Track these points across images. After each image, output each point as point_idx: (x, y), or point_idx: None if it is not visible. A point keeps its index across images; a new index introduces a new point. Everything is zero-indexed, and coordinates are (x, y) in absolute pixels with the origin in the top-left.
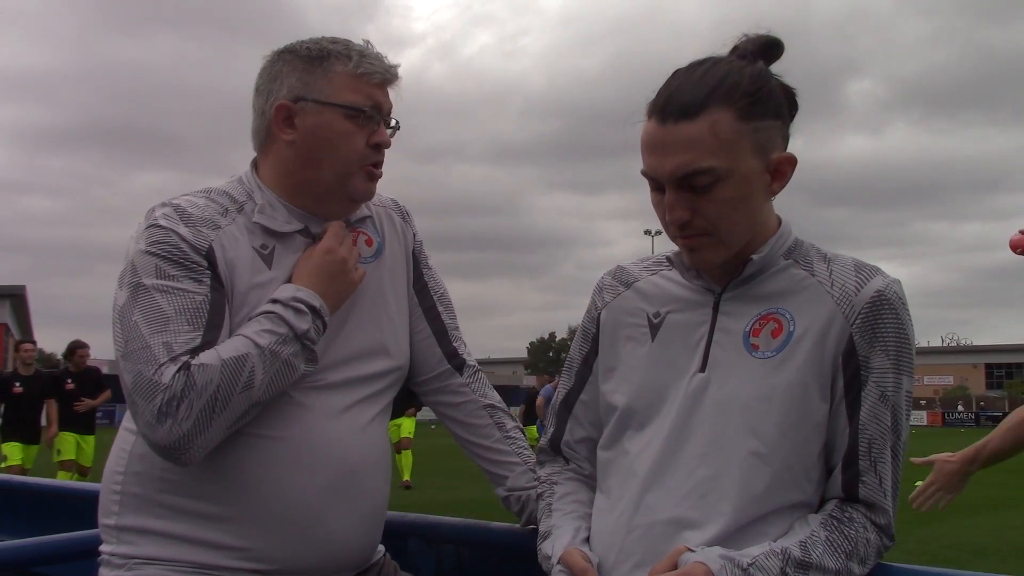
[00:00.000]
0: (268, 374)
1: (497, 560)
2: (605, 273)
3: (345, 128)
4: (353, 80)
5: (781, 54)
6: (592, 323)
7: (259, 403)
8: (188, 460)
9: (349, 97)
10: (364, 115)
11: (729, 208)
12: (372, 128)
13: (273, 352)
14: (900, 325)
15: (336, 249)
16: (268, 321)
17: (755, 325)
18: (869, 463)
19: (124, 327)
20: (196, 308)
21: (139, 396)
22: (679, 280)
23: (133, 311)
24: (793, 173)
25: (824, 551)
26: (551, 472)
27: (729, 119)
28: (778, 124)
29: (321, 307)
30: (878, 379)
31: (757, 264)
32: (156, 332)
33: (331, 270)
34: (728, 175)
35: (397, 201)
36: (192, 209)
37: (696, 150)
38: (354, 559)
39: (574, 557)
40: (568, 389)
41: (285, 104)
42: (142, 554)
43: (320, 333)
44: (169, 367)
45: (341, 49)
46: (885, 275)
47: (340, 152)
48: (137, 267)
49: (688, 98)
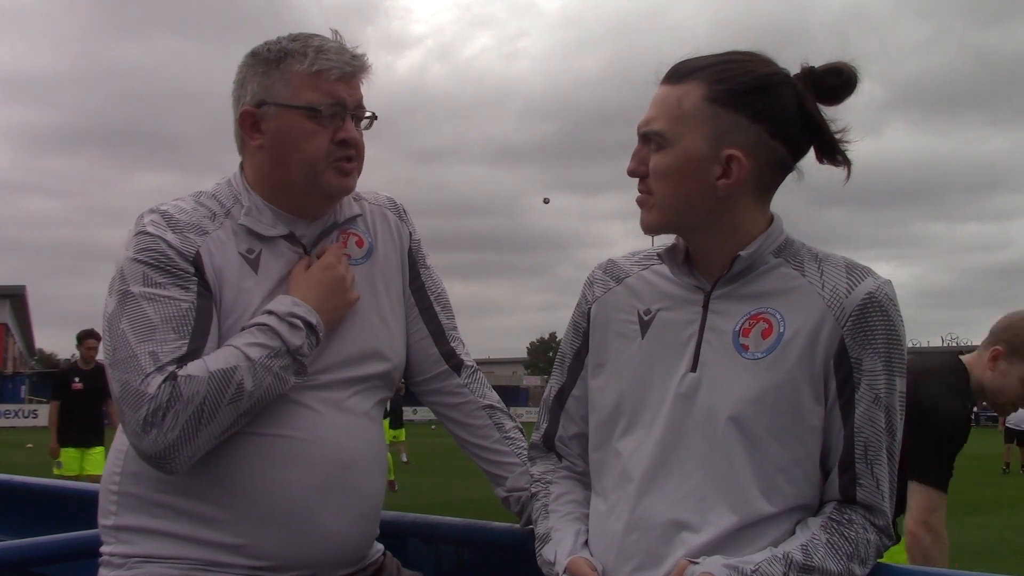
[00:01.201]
0: (257, 387)
1: (497, 560)
2: (596, 267)
3: (307, 128)
4: (311, 79)
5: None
6: (583, 317)
7: (247, 414)
8: (174, 469)
9: (308, 97)
10: (321, 114)
11: (664, 175)
12: (337, 124)
13: (264, 366)
14: (891, 327)
15: (336, 266)
16: (261, 334)
17: (745, 324)
18: (866, 466)
19: (112, 335)
20: (182, 316)
21: (126, 405)
22: (669, 276)
23: (121, 319)
24: (743, 179)
25: (826, 554)
26: (544, 471)
27: (697, 96)
28: (753, 127)
29: (317, 323)
30: (871, 381)
31: (745, 261)
32: (143, 341)
33: (331, 285)
34: (672, 144)
35: (394, 200)
36: (179, 215)
37: (658, 110)
38: (349, 555)
39: (580, 566)
40: (560, 384)
41: (249, 110)
42: (140, 552)
43: (313, 348)
44: (155, 377)
45: (298, 48)
46: (876, 276)
47: (305, 153)
48: (125, 274)
49: (684, 66)
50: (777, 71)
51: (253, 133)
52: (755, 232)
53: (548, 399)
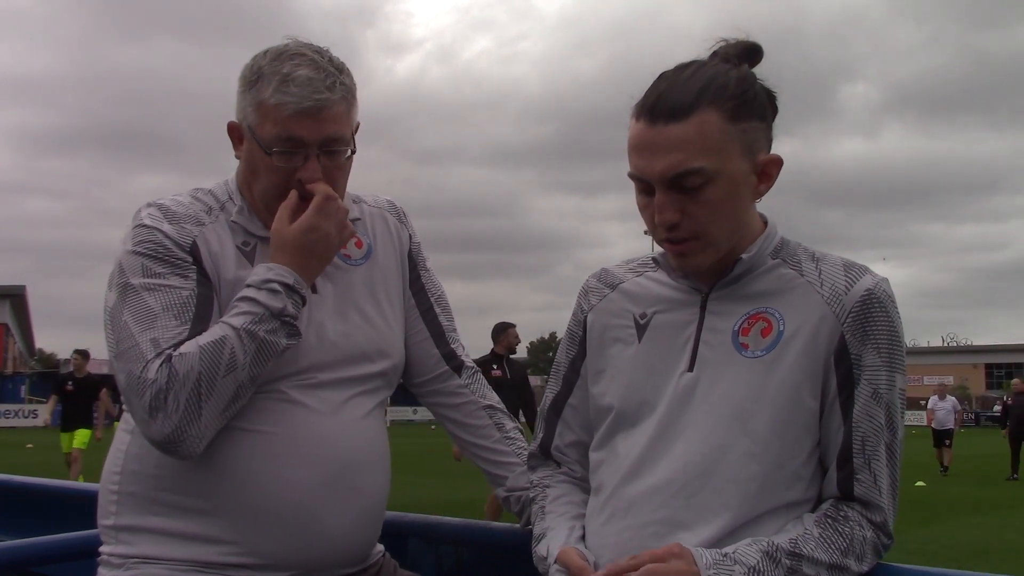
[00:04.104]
0: (248, 353)
1: (497, 560)
2: (590, 275)
3: (264, 162)
4: (272, 110)
5: (761, 58)
6: (578, 326)
7: (247, 384)
8: (187, 452)
9: (266, 130)
10: (275, 153)
11: (718, 209)
12: (296, 163)
13: (249, 332)
14: (891, 323)
15: (319, 226)
16: (243, 304)
17: (744, 324)
18: (863, 461)
19: (115, 328)
20: (183, 303)
21: (132, 394)
22: (665, 280)
23: (123, 311)
24: (779, 175)
25: (816, 546)
26: (543, 476)
27: (718, 120)
28: (763, 126)
29: (296, 283)
30: (871, 377)
31: (746, 263)
32: (145, 330)
33: (313, 248)
34: (717, 176)
35: (394, 203)
36: (176, 207)
37: (686, 150)
38: (351, 555)
39: (571, 556)
40: (556, 393)
41: (233, 124)
42: (139, 553)
43: (300, 306)
44: (155, 362)
45: (270, 72)
46: (874, 274)
47: (260, 184)
48: (124, 267)
49: (677, 99)
50: (742, 69)
51: (237, 145)
52: (753, 234)
53: (544, 409)
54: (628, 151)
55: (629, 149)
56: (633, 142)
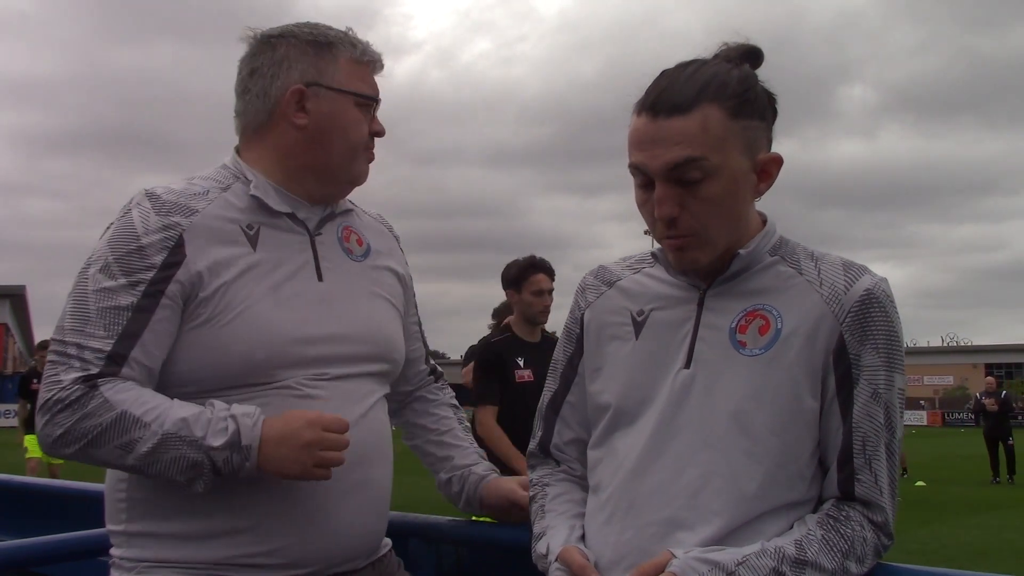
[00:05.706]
0: (149, 457)
1: (497, 560)
2: (587, 273)
3: (355, 116)
4: (360, 68)
5: (762, 61)
6: (576, 324)
7: (134, 470)
8: (57, 456)
9: (358, 85)
10: (372, 103)
11: (716, 206)
12: (371, 116)
13: (166, 444)
14: (890, 323)
15: (323, 440)
16: (195, 416)
17: (741, 321)
18: (864, 461)
19: (64, 308)
20: (116, 315)
21: (43, 382)
22: (663, 277)
23: (70, 298)
24: (778, 174)
25: (820, 550)
26: (543, 475)
27: (719, 116)
28: (764, 126)
29: (248, 448)
30: (870, 377)
31: (744, 260)
32: (75, 329)
33: (300, 445)
34: (717, 171)
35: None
36: (167, 195)
37: (688, 144)
38: (364, 547)
39: (572, 554)
40: (554, 391)
41: (300, 89)
42: (152, 557)
43: (234, 471)
44: (73, 372)
45: (344, 37)
46: (873, 274)
47: (350, 138)
48: (95, 253)
49: (680, 94)
50: (743, 68)
51: (298, 112)
52: (752, 231)
53: (542, 407)
54: (628, 145)
55: (630, 143)
56: (634, 136)
